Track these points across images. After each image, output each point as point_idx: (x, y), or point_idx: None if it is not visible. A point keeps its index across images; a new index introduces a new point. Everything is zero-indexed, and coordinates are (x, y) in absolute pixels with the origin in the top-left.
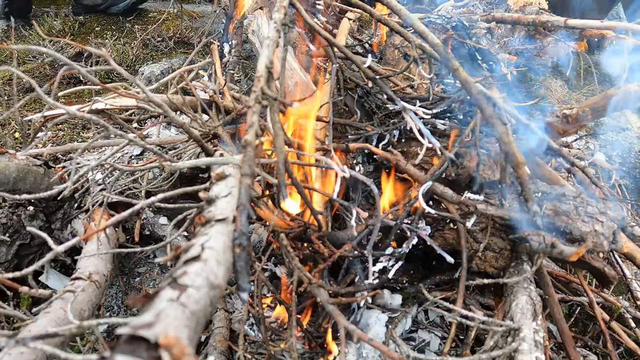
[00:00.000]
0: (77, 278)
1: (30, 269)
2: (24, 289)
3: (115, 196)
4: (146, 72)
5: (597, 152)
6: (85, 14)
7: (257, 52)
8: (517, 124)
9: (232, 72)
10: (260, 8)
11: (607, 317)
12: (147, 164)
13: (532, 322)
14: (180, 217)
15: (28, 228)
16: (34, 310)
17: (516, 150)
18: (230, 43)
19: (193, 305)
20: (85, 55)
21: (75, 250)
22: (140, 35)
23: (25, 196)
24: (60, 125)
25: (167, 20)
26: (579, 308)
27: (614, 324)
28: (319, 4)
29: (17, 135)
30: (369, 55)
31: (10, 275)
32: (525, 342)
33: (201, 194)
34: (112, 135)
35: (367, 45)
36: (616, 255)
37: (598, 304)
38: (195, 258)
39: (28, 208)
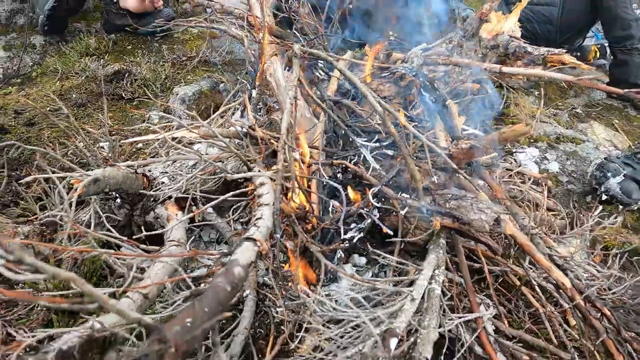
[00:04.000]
0: (171, 240)
1: (165, 229)
2: (142, 246)
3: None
4: (180, 93)
5: (553, 162)
6: (116, 33)
7: (272, 91)
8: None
9: (255, 103)
10: (275, 54)
11: (514, 282)
12: (207, 173)
13: (435, 270)
14: (235, 206)
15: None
16: None
17: (416, 172)
18: (256, 88)
19: (262, 233)
20: (125, 74)
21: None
22: (168, 55)
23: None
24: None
25: (189, 40)
26: (501, 277)
27: (524, 289)
28: (321, 63)
29: (80, 144)
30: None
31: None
32: (422, 276)
33: (255, 192)
34: (183, 154)
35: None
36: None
37: (514, 274)
38: (260, 218)
39: (116, 200)
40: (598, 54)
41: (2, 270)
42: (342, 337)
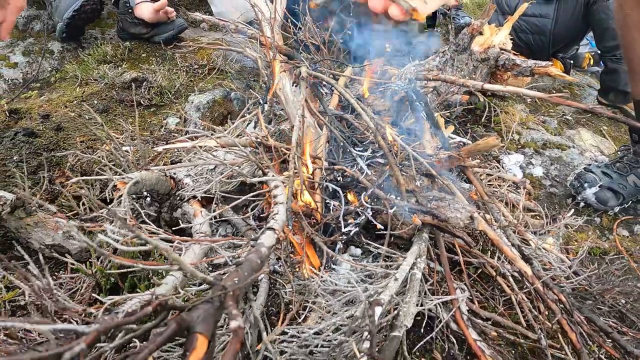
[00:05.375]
0: (199, 232)
1: (194, 223)
2: (177, 238)
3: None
4: (195, 102)
5: (537, 167)
6: (131, 40)
7: (282, 103)
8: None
9: (267, 115)
10: (284, 71)
11: (491, 273)
12: (226, 176)
13: (417, 258)
14: (251, 205)
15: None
16: None
17: (400, 177)
18: (268, 103)
19: (279, 225)
20: (142, 82)
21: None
22: (181, 63)
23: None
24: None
25: (201, 49)
26: (480, 269)
27: (499, 279)
28: (324, 82)
29: (108, 148)
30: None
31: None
32: (405, 262)
33: (271, 193)
34: (204, 159)
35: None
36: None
37: (491, 266)
38: (277, 213)
39: (146, 199)
40: (592, 61)
41: (116, 245)
42: (340, 308)
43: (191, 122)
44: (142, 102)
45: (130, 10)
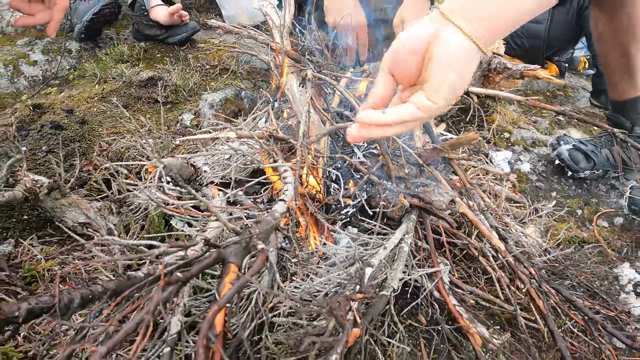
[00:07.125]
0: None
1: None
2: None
3: (221, 179)
4: (209, 99)
5: (525, 163)
6: (146, 41)
7: (290, 101)
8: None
9: (276, 112)
10: (292, 73)
11: (474, 253)
12: (245, 164)
13: (405, 235)
14: (265, 187)
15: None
16: None
17: (391, 164)
18: (277, 101)
19: (289, 198)
20: (158, 80)
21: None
22: (194, 63)
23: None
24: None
25: (212, 51)
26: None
27: (481, 258)
28: (328, 83)
29: (134, 138)
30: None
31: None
32: (393, 236)
33: (281, 176)
34: (220, 150)
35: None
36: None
37: (477, 248)
38: (286, 191)
39: (169, 184)
40: (587, 64)
41: (169, 200)
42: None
43: (205, 118)
44: (158, 99)
45: (145, 13)
